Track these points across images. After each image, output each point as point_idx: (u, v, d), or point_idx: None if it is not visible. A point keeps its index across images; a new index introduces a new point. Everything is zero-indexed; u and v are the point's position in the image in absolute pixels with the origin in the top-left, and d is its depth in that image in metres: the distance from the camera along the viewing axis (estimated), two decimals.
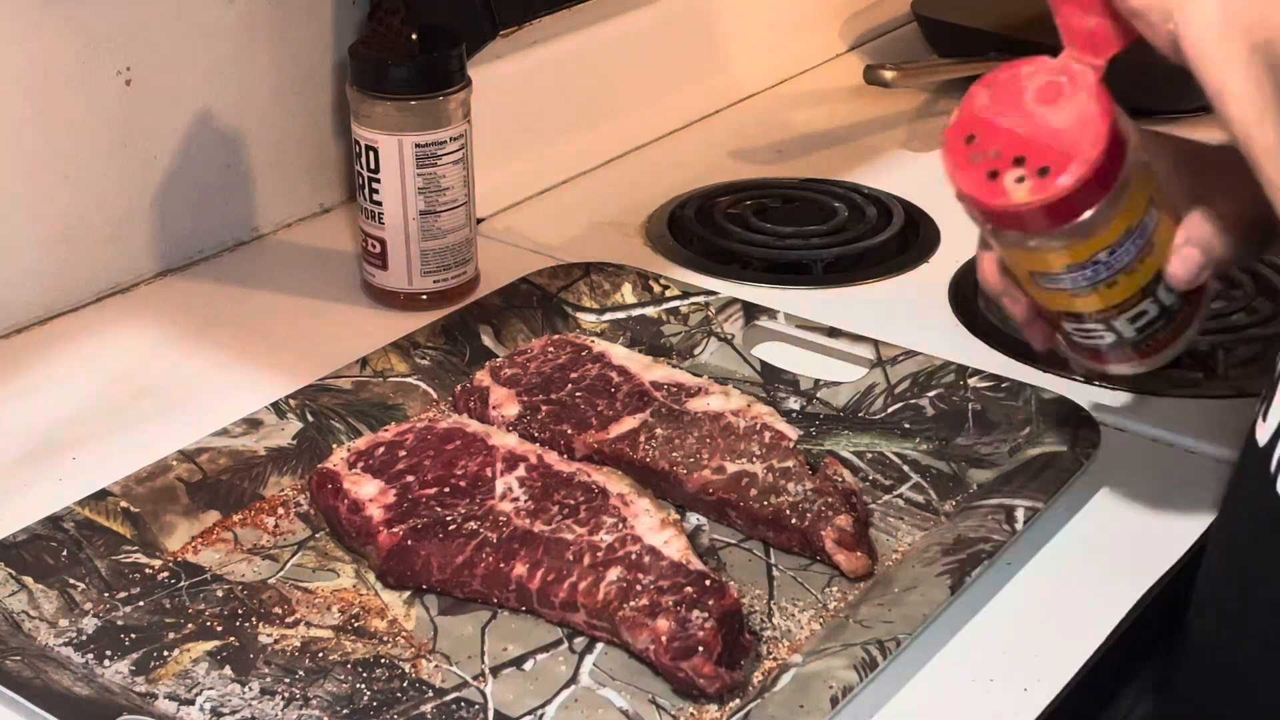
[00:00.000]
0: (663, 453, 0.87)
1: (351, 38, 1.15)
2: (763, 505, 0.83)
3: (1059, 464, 0.86)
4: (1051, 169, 0.70)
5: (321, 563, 0.83)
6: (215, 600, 0.79)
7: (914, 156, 1.34)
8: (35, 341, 1.03)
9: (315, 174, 1.21)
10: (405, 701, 0.73)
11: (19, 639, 0.75)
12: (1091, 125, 0.70)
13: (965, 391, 0.94)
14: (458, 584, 0.79)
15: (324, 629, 0.78)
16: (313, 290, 1.10)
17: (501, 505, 0.81)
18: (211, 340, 1.04)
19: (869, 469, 0.90)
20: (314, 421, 0.91)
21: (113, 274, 1.09)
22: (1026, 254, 0.74)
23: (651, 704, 0.73)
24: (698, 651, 0.72)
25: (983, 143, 0.72)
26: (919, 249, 1.16)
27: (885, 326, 1.02)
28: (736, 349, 1.01)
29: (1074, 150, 0.70)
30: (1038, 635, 0.78)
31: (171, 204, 1.11)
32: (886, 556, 0.83)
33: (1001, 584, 0.81)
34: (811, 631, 0.77)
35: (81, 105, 1.04)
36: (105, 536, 0.81)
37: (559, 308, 1.04)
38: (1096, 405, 0.92)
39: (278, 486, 0.88)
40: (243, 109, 1.14)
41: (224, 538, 0.84)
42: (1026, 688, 0.74)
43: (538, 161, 1.25)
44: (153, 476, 0.85)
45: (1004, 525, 0.81)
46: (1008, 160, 0.71)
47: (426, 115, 1.02)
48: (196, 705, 0.72)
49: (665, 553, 0.77)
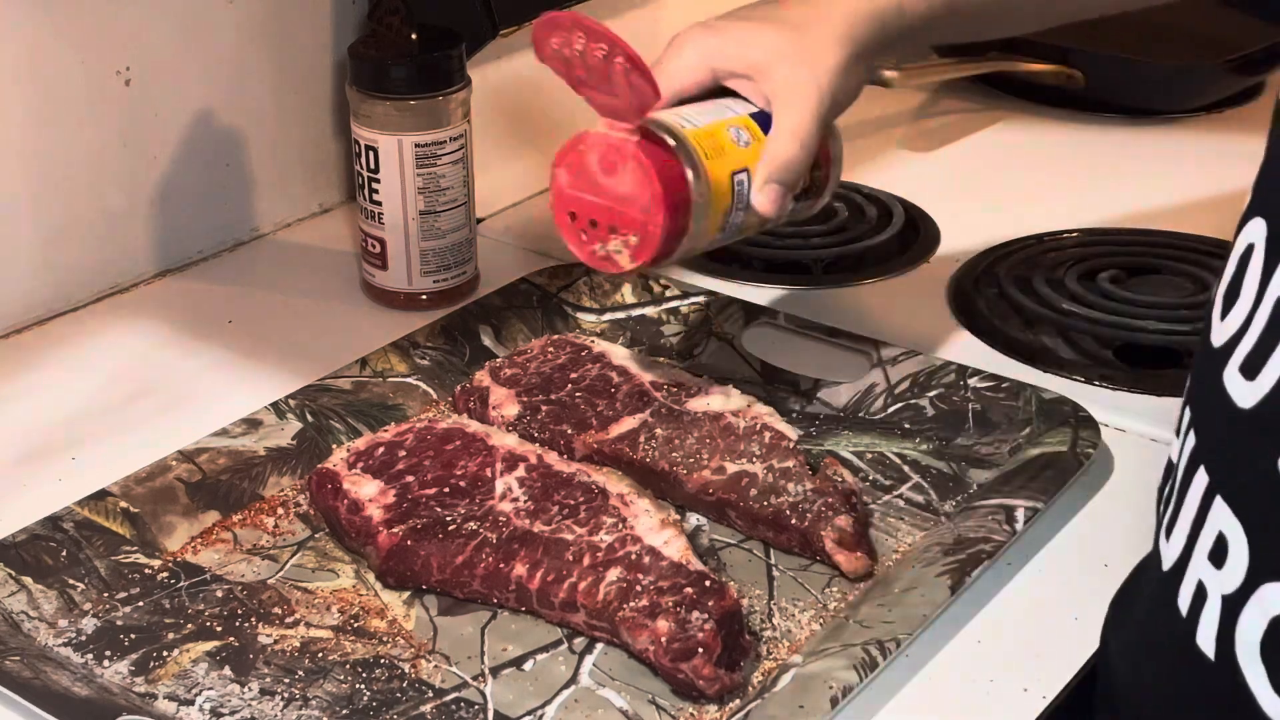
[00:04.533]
0: (663, 453, 0.87)
1: (351, 38, 1.15)
2: (763, 505, 0.83)
3: (1059, 464, 0.86)
4: (637, 235, 0.80)
5: (321, 563, 0.82)
6: (215, 600, 0.79)
7: (914, 156, 1.34)
8: (35, 341, 1.03)
9: (315, 174, 1.21)
10: (405, 702, 0.73)
11: (18, 639, 0.75)
12: (647, 187, 0.79)
13: (965, 391, 0.94)
14: (457, 584, 0.79)
15: (324, 629, 0.78)
16: (313, 290, 1.10)
17: (501, 505, 0.81)
18: (211, 340, 1.04)
19: (869, 469, 0.90)
20: (314, 421, 0.91)
21: (112, 274, 1.09)
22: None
23: (651, 704, 0.73)
24: (697, 653, 0.72)
25: (580, 219, 0.82)
26: (919, 249, 1.16)
27: (885, 326, 1.02)
28: (736, 349, 1.01)
29: (644, 215, 0.79)
30: (1038, 635, 0.78)
31: (171, 204, 1.11)
32: (886, 556, 0.83)
33: (1001, 584, 0.81)
34: (811, 632, 0.77)
35: (81, 105, 1.04)
36: (105, 537, 0.81)
37: (559, 308, 1.04)
38: (1096, 405, 0.92)
39: (277, 487, 0.88)
40: (243, 109, 1.14)
41: (224, 538, 0.84)
42: (1026, 688, 0.74)
43: (538, 161, 1.24)
44: (152, 477, 0.85)
45: (1004, 525, 0.81)
46: (605, 231, 0.81)
47: (426, 115, 1.02)
48: (196, 706, 0.72)
49: (665, 553, 0.77)
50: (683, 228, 0.80)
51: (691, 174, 0.80)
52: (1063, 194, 1.26)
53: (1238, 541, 0.58)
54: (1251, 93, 1.44)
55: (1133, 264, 1.12)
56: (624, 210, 0.80)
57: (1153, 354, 1.02)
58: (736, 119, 0.84)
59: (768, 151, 0.83)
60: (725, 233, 0.84)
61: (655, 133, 0.80)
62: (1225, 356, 0.59)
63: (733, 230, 0.84)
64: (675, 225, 0.80)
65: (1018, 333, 1.04)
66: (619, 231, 0.80)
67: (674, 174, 0.79)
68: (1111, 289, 1.08)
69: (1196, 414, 0.63)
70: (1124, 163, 1.33)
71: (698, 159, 0.80)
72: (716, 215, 0.82)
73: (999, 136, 1.38)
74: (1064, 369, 0.99)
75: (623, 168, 0.80)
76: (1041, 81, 1.41)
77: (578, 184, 0.81)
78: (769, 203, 0.83)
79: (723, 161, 0.82)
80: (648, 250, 0.80)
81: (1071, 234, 1.17)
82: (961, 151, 1.35)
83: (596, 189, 0.81)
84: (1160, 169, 1.32)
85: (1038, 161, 1.34)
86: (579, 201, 0.82)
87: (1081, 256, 1.13)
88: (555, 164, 0.82)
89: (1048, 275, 1.10)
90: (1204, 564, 0.60)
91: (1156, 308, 1.05)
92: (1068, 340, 1.03)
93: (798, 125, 0.83)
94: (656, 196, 0.79)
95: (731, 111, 0.84)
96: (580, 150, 0.81)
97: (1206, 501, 0.60)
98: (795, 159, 0.83)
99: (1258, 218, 0.60)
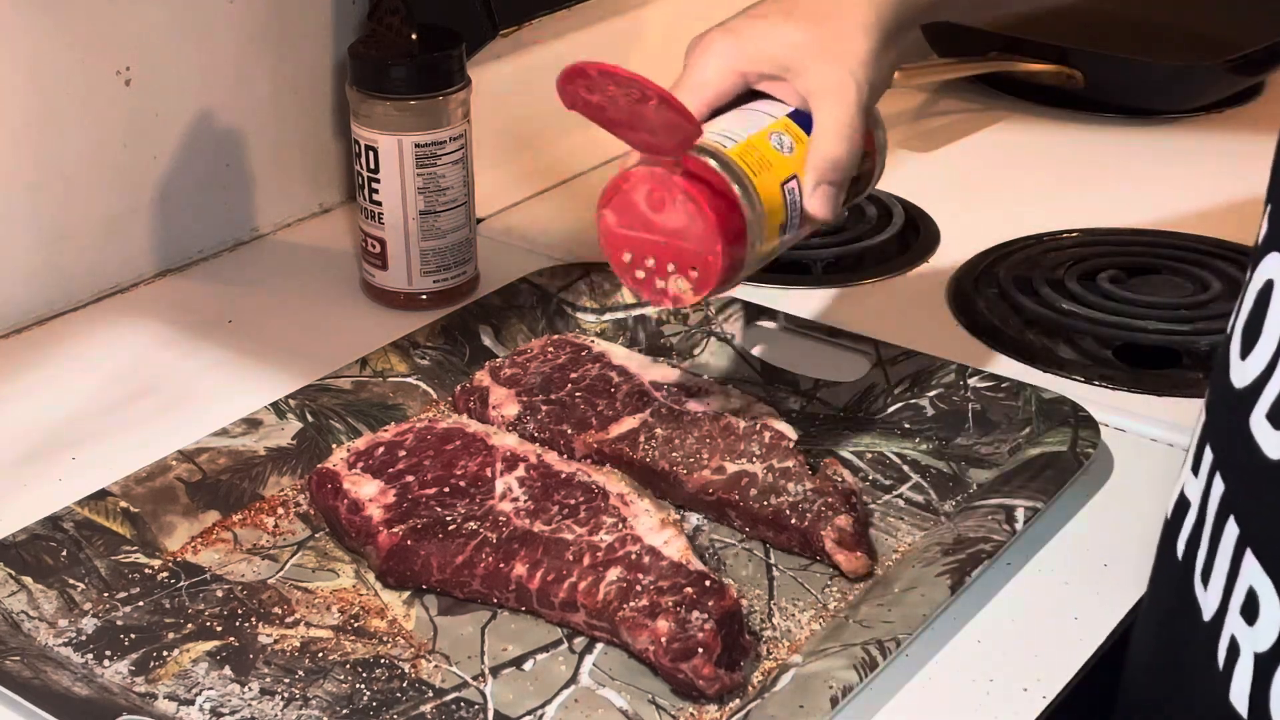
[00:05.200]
0: (663, 453, 0.87)
1: (351, 38, 1.15)
2: (763, 505, 0.83)
3: (1059, 464, 0.86)
4: (697, 268, 0.78)
5: (321, 563, 0.82)
6: (215, 600, 0.79)
7: (914, 156, 1.34)
8: (35, 341, 1.03)
9: (315, 174, 1.21)
10: (405, 701, 0.73)
11: (18, 639, 0.75)
12: (699, 219, 0.77)
13: (965, 391, 0.94)
14: (457, 584, 0.79)
15: (324, 629, 0.78)
16: (312, 290, 1.10)
17: (501, 505, 0.81)
18: (211, 340, 1.04)
19: (869, 469, 0.90)
20: (314, 421, 0.91)
21: (112, 274, 1.09)
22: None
23: (651, 704, 0.73)
24: (697, 653, 0.72)
25: (636, 260, 0.80)
26: (919, 249, 1.16)
27: (885, 326, 1.02)
28: (736, 349, 1.01)
29: (701, 247, 0.77)
30: (1038, 635, 0.78)
31: (171, 204, 1.11)
32: (886, 556, 0.83)
33: (1001, 584, 0.81)
34: (811, 632, 0.77)
35: (81, 105, 1.04)
36: (105, 536, 0.81)
37: (559, 308, 1.04)
38: (1096, 405, 0.92)
39: (277, 486, 0.88)
40: (243, 109, 1.14)
41: (224, 538, 0.84)
42: (1026, 688, 0.74)
43: (538, 161, 1.25)
44: (152, 476, 0.85)
45: (1004, 525, 0.81)
46: (664, 270, 0.79)
47: (426, 115, 1.02)
48: (196, 705, 0.72)
49: (665, 553, 0.77)
50: (741, 251, 0.78)
51: (743, 196, 0.77)
52: (1063, 194, 1.26)
53: (1269, 599, 0.55)
54: (1251, 93, 1.44)
55: (1133, 264, 1.12)
56: (680, 245, 0.78)
57: (1153, 354, 1.02)
58: (776, 124, 0.81)
59: (814, 153, 0.80)
60: (785, 242, 0.82)
61: (698, 159, 0.77)
62: (1251, 401, 0.56)
63: (791, 237, 0.82)
64: (734, 251, 0.78)
65: (1017, 333, 1.04)
66: (679, 267, 0.78)
67: (725, 200, 0.77)
68: (1111, 289, 1.08)
69: (1222, 458, 0.59)
70: (1124, 163, 1.33)
71: (746, 179, 0.78)
72: (773, 230, 0.80)
73: (999, 136, 1.38)
74: (1064, 369, 0.99)
75: (671, 202, 0.77)
76: (1041, 81, 1.41)
77: (627, 223, 0.79)
78: (823, 206, 0.80)
79: (771, 175, 0.79)
80: (710, 281, 0.78)
81: (1071, 234, 1.17)
82: (961, 151, 1.35)
83: (648, 226, 0.78)
84: (1160, 169, 1.32)
85: (1038, 161, 1.34)
86: (631, 241, 0.79)
87: (1081, 256, 1.13)
88: (601, 206, 0.79)
89: (1048, 275, 1.10)
90: (1237, 619, 0.57)
91: (1156, 308, 1.05)
92: (1068, 340, 1.03)
93: (841, 122, 0.80)
94: (711, 227, 0.76)
95: (769, 116, 0.82)
96: (625, 189, 0.78)
97: (1239, 553, 0.57)
98: (843, 157, 0.80)
99: (1275, 253, 0.57)
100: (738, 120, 0.81)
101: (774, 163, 0.79)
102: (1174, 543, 0.64)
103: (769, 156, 0.79)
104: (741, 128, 0.80)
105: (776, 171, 0.79)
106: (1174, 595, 0.63)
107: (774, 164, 0.79)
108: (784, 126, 0.81)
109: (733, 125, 0.80)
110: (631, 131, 0.77)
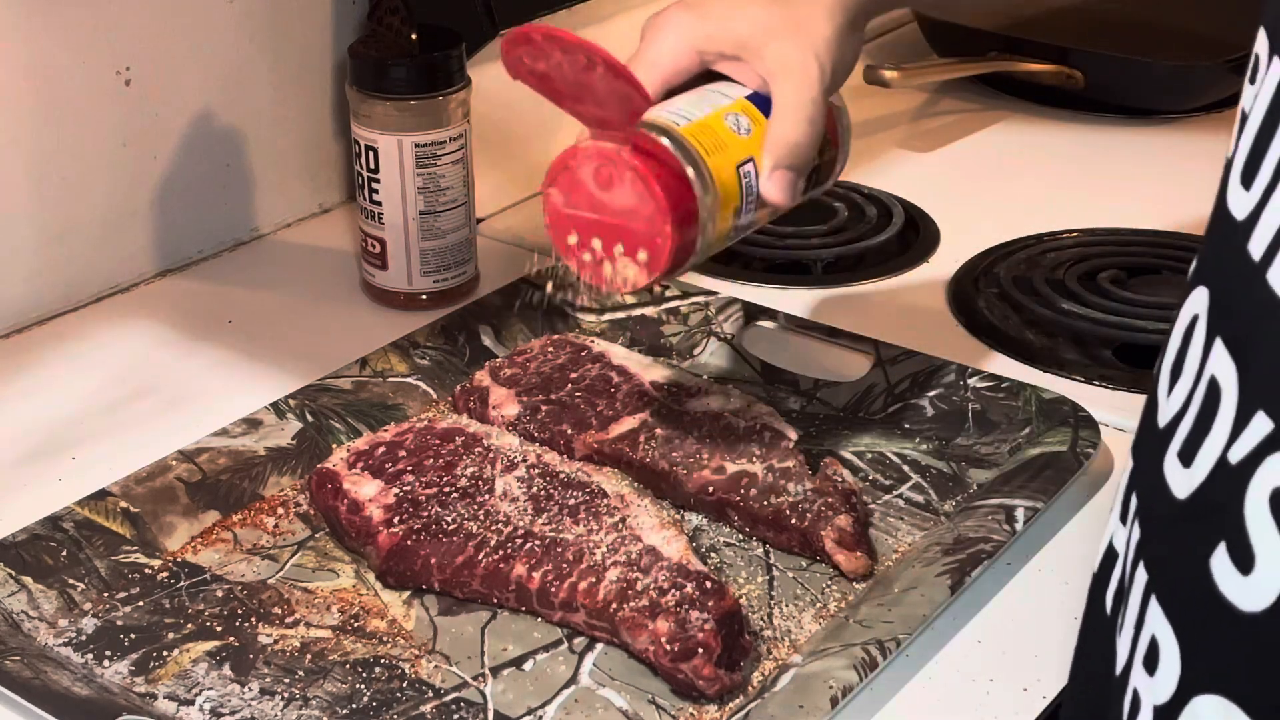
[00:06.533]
0: (663, 453, 0.87)
1: (351, 38, 1.15)
2: (763, 505, 0.83)
3: (1059, 464, 0.86)
4: (646, 250, 0.74)
5: (321, 563, 0.82)
6: (215, 600, 0.79)
7: (914, 156, 1.34)
8: (35, 341, 1.03)
9: (315, 174, 1.21)
10: (405, 701, 0.73)
11: (18, 639, 0.75)
12: (648, 197, 0.73)
13: (965, 391, 0.94)
14: (457, 584, 0.79)
15: (324, 629, 0.78)
16: (313, 290, 1.10)
17: (501, 505, 0.81)
18: (211, 340, 1.04)
19: (869, 469, 0.90)
20: (314, 421, 0.91)
21: (112, 274, 1.09)
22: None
23: (651, 704, 0.73)
24: (697, 653, 0.72)
25: (583, 241, 0.76)
26: (919, 249, 1.16)
27: (885, 326, 1.02)
28: (736, 349, 1.01)
29: (649, 228, 0.74)
30: (1038, 635, 0.78)
31: (171, 204, 1.11)
32: (886, 556, 0.83)
33: (1001, 584, 0.81)
34: (811, 632, 0.77)
35: (81, 105, 1.04)
36: (105, 536, 0.81)
37: (559, 308, 1.04)
38: (1096, 405, 0.92)
39: (277, 486, 0.88)
40: (243, 109, 1.14)
41: (224, 538, 0.84)
42: (1026, 688, 0.74)
43: (538, 161, 1.24)
44: (152, 476, 0.85)
45: (1004, 525, 0.81)
46: (611, 252, 0.75)
47: (426, 115, 1.02)
48: (196, 705, 0.72)
49: (665, 553, 0.77)
50: (693, 234, 0.75)
51: (695, 175, 0.74)
52: (1063, 194, 1.26)
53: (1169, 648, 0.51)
54: None
55: (1133, 264, 1.12)
56: (628, 226, 0.74)
57: (1153, 354, 1.01)
58: (733, 105, 0.78)
59: (771, 136, 0.77)
60: (738, 229, 0.78)
61: (649, 136, 0.74)
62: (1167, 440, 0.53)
63: (747, 223, 0.79)
64: (684, 233, 0.74)
65: (1017, 333, 1.04)
66: (627, 249, 0.75)
67: (675, 179, 0.74)
68: (1111, 289, 1.08)
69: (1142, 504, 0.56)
70: (1124, 163, 1.33)
71: (699, 158, 0.74)
72: (727, 213, 0.76)
73: (999, 136, 1.38)
74: (1064, 369, 0.99)
75: (619, 180, 0.74)
76: (1041, 81, 1.41)
77: (574, 203, 0.75)
78: (779, 190, 0.77)
79: (725, 156, 0.76)
80: (660, 264, 0.74)
81: (1071, 234, 1.17)
82: (961, 151, 1.35)
83: (596, 206, 0.75)
84: (1160, 169, 1.32)
85: (1038, 161, 1.34)
86: (579, 222, 0.75)
87: (1081, 256, 1.13)
88: (546, 185, 0.76)
89: (1048, 275, 1.10)
90: (1140, 670, 0.53)
91: (1156, 308, 1.05)
92: (1068, 340, 1.03)
93: (800, 104, 0.77)
94: (661, 207, 0.73)
95: (726, 97, 0.78)
96: (571, 167, 0.75)
97: (1145, 601, 0.53)
98: (802, 140, 0.77)
99: (1200, 286, 0.54)
100: (693, 100, 0.78)
101: (729, 144, 0.77)
102: (1103, 596, 0.61)
103: (724, 137, 0.76)
104: (696, 107, 0.77)
105: (731, 153, 0.76)
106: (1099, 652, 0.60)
107: (729, 145, 0.77)
108: (742, 108, 0.78)
109: (687, 105, 0.77)
110: (579, 104, 0.75)
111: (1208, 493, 0.49)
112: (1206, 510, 0.49)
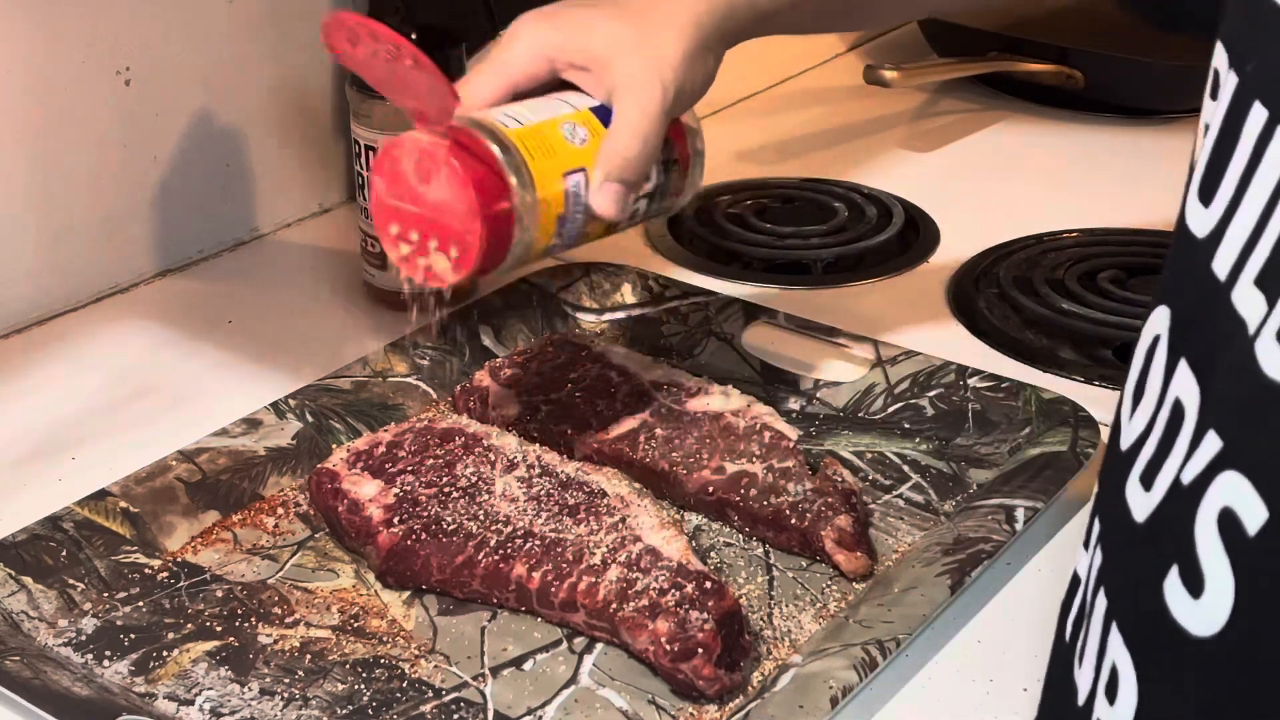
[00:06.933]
0: (663, 453, 0.87)
1: None
2: (763, 505, 0.83)
3: (1059, 464, 0.86)
4: (457, 246, 0.74)
5: (321, 563, 0.82)
6: (215, 600, 0.79)
7: (914, 156, 1.34)
8: (35, 341, 1.03)
9: (315, 174, 1.21)
10: (405, 702, 0.73)
11: (18, 639, 0.75)
12: (461, 194, 0.72)
13: (965, 391, 0.94)
14: (457, 584, 0.79)
15: (323, 629, 0.78)
16: (313, 290, 1.10)
17: (501, 505, 0.81)
18: (211, 340, 1.04)
19: (869, 469, 0.90)
20: (314, 421, 0.91)
21: (112, 274, 1.09)
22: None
23: (651, 704, 0.73)
24: (697, 653, 0.72)
25: (402, 232, 0.75)
26: (919, 249, 1.16)
27: (885, 326, 1.02)
28: (736, 349, 1.01)
29: (461, 225, 0.73)
30: (1038, 635, 0.78)
31: (171, 204, 1.11)
32: (886, 556, 0.83)
33: (1001, 584, 0.81)
34: (811, 632, 0.77)
35: (81, 105, 1.04)
36: (105, 536, 0.81)
37: (559, 308, 1.04)
38: (1096, 405, 0.92)
39: (277, 486, 0.88)
40: (242, 109, 1.14)
41: (223, 538, 0.84)
42: (1026, 688, 0.74)
43: None
44: (152, 476, 0.85)
45: (1004, 525, 0.81)
46: (426, 245, 0.75)
47: None
48: (196, 705, 0.72)
49: (665, 553, 0.77)
50: (507, 235, 0.74)
51: (514, 178, 0.74)
52: (1063, 194, 1.26)
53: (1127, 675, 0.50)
54: None
55: (1133, 264, 1.12)
56: (441, 220, 0.73)
57: None
58: (573, 114, 0.77)
59: (605, 149, 0.77)
60: (565, 237, 0.77)
61: (470, 132, 0.74)
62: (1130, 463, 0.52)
63: (574, 233, 0.78)
64: (497, 233, 0.73)
65: (1017, 333, 1.04)
66: (440, 243, 0.74)
67: (492, 178, 0.73)
68: (1111, 289, 1.08)
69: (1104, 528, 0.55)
70: (1124, 163, 1.33)
71: (520, 159, 0.74)
72: (549, 219, 0.76)
73: (999, 136, 1.38)
74: (1064, 369, 0.99)
75: (436, 174, 0.73)
76: (1041, 81, 1.41)
77: (395, 193, 0.75)
78: (608, 203, 0.77)
79: (552, 162, 0.75)
80: (469, 262, 0.73)
81: (1071, 234, 1.17)
82: (961, 151, 1.36)
83: (414, 198, 0.74)
84: (1160, 169, 1.31)
85: (1038, 161, 1.34)
86: (399, 213, 0.75)
87: (1081, 256, 1.13)
88: (371, 171, 0.76)
89: (1048, 275, 1.10)
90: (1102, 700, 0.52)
91: None
92: (1068, 340, 1.03)
93: (639, 119, 0.77)
94: (472, 204, 0.72)
95: (569, 107, 0.78)
96: (394, 156, 0.74)
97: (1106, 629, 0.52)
98: (635, 156, 0.77)
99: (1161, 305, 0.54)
100: (533, 105, 0.77)
101: (559, 151, 0.76)
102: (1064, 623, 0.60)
103: (555, 144, 0.76)
104: (534, 113, 0.77)
105: (560, 160, 0.76)
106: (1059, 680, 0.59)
107: (559, 152, 0.76)
108: (582, 119, 0.78)
109: (526, 109, 0.77)
110: (397, 95, 0.74)
111: (1163, 515, 0.48)
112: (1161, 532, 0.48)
